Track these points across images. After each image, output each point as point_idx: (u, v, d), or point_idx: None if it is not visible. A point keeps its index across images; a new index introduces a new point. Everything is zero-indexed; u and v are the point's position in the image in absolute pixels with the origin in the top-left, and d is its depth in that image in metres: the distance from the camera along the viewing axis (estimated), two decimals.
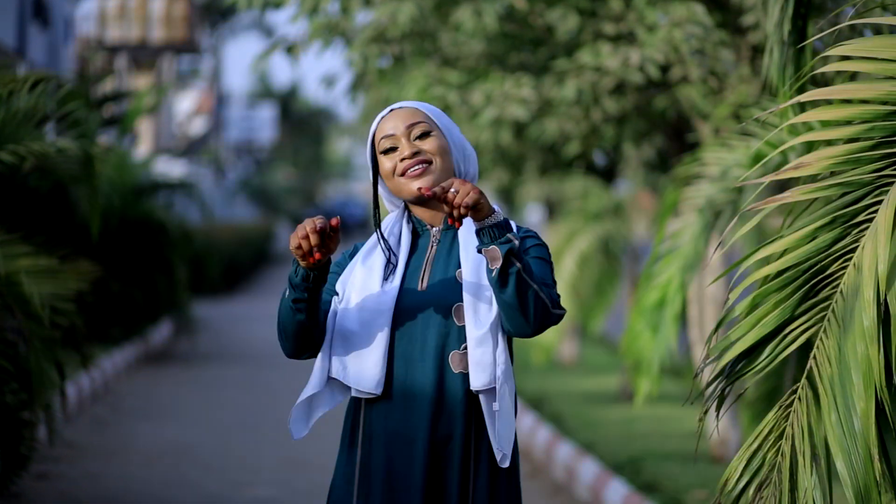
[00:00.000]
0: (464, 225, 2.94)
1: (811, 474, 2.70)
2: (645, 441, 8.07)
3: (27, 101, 5.63)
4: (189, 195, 14.76)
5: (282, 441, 8.31)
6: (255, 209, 39.24)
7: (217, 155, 36.85)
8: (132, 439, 8.51)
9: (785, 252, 2.74)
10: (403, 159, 2.94)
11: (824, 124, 2.82)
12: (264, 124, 44.10)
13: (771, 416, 2.78)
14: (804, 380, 2.74)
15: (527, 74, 7.07)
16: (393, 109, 2.99)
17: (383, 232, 3.00)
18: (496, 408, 2.86)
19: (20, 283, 5.30)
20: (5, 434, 5.33)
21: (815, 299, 2.72)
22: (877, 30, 3.95)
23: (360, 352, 2.90)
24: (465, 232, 2.94)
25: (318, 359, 2.94)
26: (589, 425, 8.68)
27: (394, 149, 2.96)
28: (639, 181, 13.03)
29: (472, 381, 2.86)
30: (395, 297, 2.92)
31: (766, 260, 2.77)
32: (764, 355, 2.75)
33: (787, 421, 2.75)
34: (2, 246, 5.41)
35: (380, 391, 2.90)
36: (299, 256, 2.81)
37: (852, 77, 3.65)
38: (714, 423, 4.60)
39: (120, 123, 13.74)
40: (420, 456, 2.88)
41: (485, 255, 2.78)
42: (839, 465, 2.65)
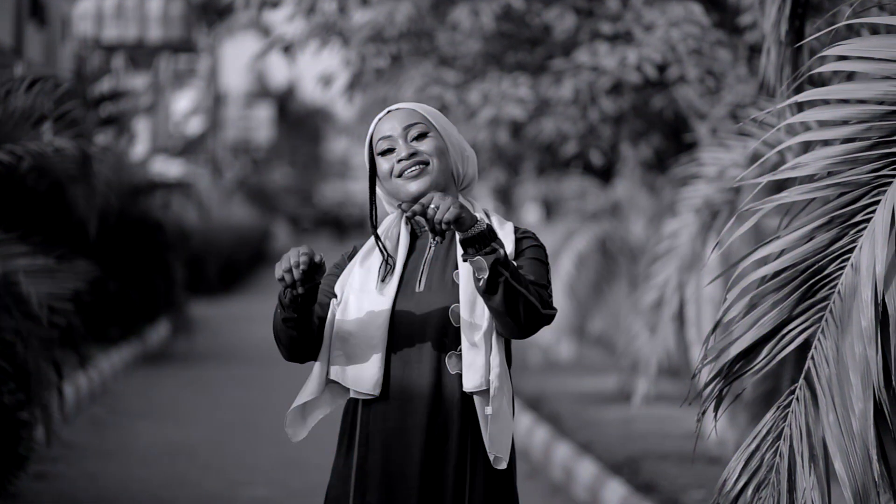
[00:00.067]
0: None
1: (809, 475, 2.70)
2: (643, 441, 8.06)
3: (24, 100, 5.62)
4: (186, 195, 14.76)
5: (280, 440, 8.30)
6: (252, 209, 39.21)
7: (214, 154, 36.81)
8: (130, 439, 8.50)
9: (782, 252, 2.74)
10: (401, 160, 2.93)
11: (821, 124, 2.82)
12: (261, 124, 44.08)
13: (769, 417, 2.78)
14: (802, 380, 2.74)
15: (524, 74, 7.07)
16: (390, 111, 2.99)
17: (382, 233, 3.00)
18: (488, 411, 2.86)
19: (17, 282, 5.30)
20: (3, 434, 5.32)
21: (812, 300, 2.72)
22: (874, 29, 3.95)
23: (358, 353, 2.90)
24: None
25: (317, 364, 2.94)
26: (587, 425, 8.68)
27: (391, 150, 2.96)
28: (636, 181, 13.03)
29: (465, 382, 2.86)
30: (393, 298, 2.92)
31: (764, 260, 2.77)
32: (762, 356, 2.75)
33: (785, 421, 2.75)
34: None
35: (378, 392, 2.89)
36: (283, 286, 2.81)
37: (849, 77, 3.65)
38: (712, 424, 4.60)
39: (117, 123, 13.73)
40: (417, 456, 2.87)
41: (471, 265, 2.78)
42: (837, 465, 2.65)
